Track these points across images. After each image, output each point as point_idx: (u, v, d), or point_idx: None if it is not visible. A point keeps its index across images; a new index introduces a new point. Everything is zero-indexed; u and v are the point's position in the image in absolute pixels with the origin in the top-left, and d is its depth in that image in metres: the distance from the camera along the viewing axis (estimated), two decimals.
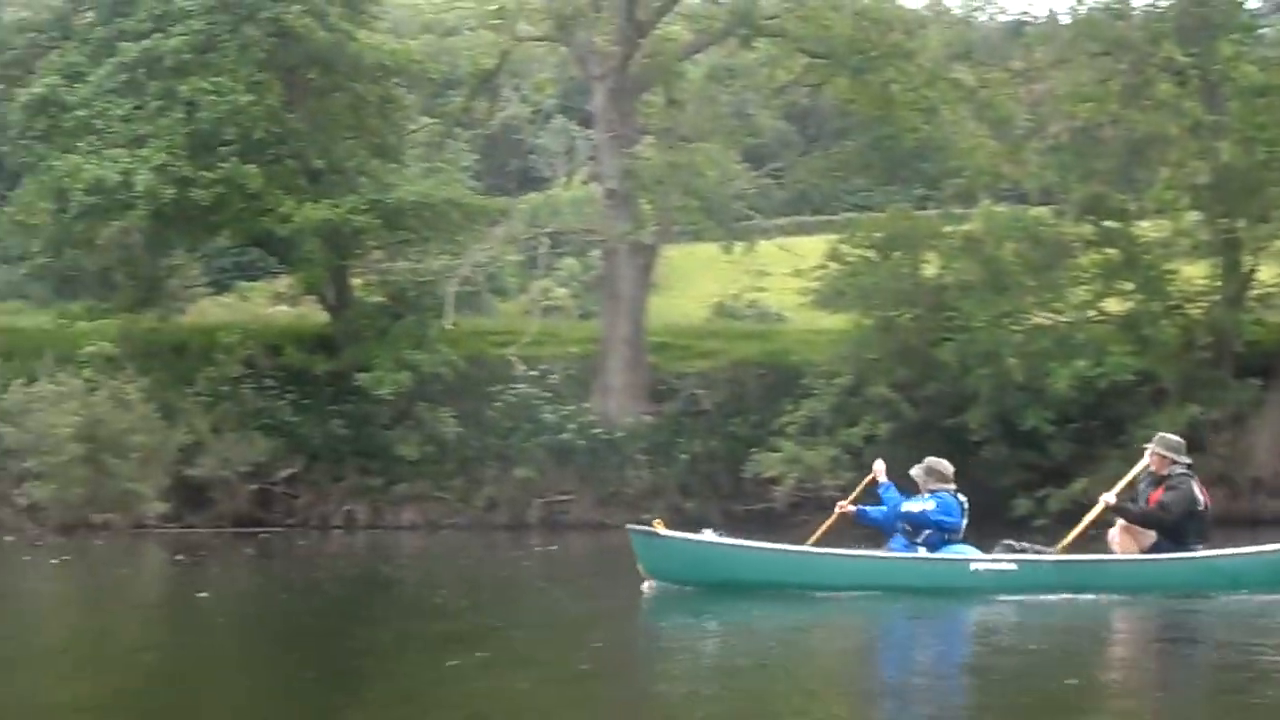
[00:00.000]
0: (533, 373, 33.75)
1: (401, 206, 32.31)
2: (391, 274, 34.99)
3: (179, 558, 25.38)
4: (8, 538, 28.68)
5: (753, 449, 32.39)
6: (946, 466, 16.77)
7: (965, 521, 16.57)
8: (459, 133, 41.36)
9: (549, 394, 33.71)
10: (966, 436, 30.40)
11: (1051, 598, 15.66)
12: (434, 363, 32.13)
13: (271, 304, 48.28)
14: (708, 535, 17.34)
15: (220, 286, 46.60)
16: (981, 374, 30.35)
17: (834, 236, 35.75)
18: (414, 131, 37.51)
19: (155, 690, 10.71)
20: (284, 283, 38.78)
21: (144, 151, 30.79)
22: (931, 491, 16.52)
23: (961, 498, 16.63)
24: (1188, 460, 16.61)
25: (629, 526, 17.75)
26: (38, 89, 32.71)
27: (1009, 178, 34.45)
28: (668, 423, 33.98)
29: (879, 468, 17.72)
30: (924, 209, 38.22)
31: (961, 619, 15.23)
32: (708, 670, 11.72)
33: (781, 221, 38.71)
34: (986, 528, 24.35)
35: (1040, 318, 31.88)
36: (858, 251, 33.62)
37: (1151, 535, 16.31)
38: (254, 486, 32.45)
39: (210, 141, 31.60)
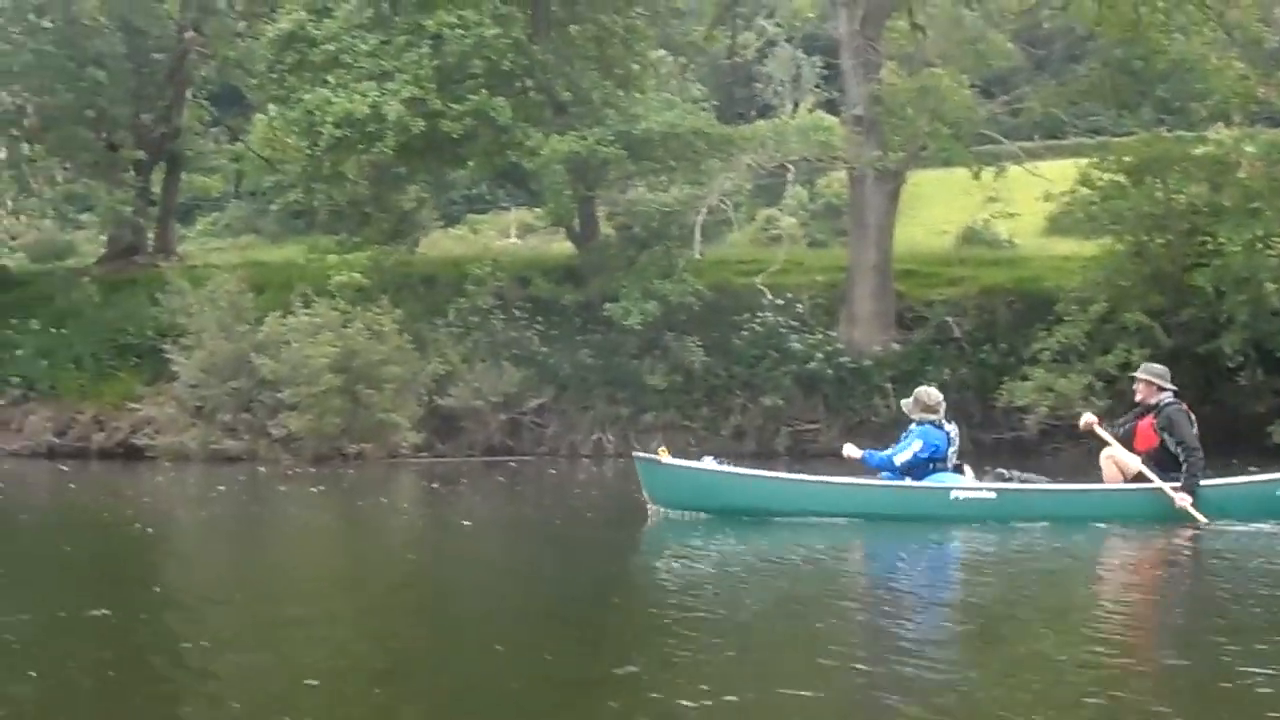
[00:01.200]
0: (779, 301, 33.38)
1: (648, 137, 32.04)
2: (638, 204, 34.74)
3: (434, 486, 25.50)
4: (261, 469, 28.93)
5: (1003, 377, 31.69)
6: (933, 395, 17.12)
7: (954, 448, 16.87)
8: (685, 63, 41.16)
9: (795, 323, 33.35)
10: (1221, 363, 29.62)
11: (1035, 525, 15.98)
12: (681, 292, 31.88)
13: (500, 236, 48.65)
14: (708, 463, 17.90)
15: (449, 220, 46.96)
16: (1237, 299, 29.35)
17: (1076, 161, 34.85)
18: (655, 63, 37.25)
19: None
20: (513, 216, 39.15)
21: (392, 85, 30.82)
22: (918, 423, 16.86)
23: (949, 426, 16.96)
24: (1174, 388, 17.11)
25: (635, 454, 18.80)
26: (285, 24, 33.07)
27: (1263, 100, 33.34)
28: (915, 351, 33.46)
29: (849, 453, 17.68)
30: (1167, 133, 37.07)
31: (938, 546, 15.44)
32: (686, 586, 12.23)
33: (1029, 145, 37.66)
34: (1240, 454, 23.85)
35: None
36: (1108, 175, 32.68)
37: (1137, 464, 16.51)
38: (504, 416, 32.50)
39: (457, 75, 31.59)
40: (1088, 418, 17.37)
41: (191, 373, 31.44)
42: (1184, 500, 16.09)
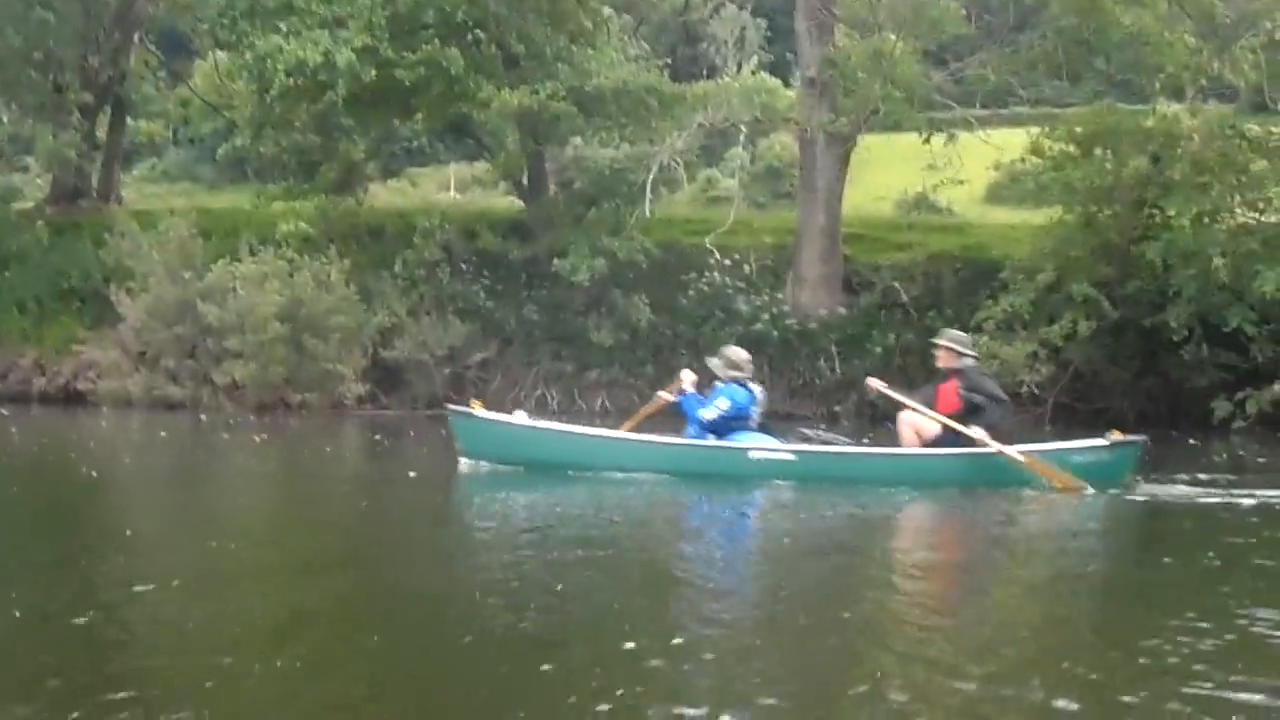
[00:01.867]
0: (727, 262, 33.32)
1: (600, 93, 31.95)
2: (587, 160, 34.65)
3: (378, 438, 25.36)
4: (203, 416, 28.77)
5: None
6: (739, 354, 17.61)
7: (758, 409, 17.26)
8: (633, 22, 41.06)
9: (742, 284, 33.31)
10: (1166, 336, 29.63)
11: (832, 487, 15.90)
12: (629, 250, 31.88)
13: (439, 190, 48.47)
14: (518, 417, 18.50)
15: (388, 172, 46.74)
16: (1185, 274, 29.43)
17: (1027, 129, 34.80)
18: (606, 20, 37.04)
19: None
20: (452, 170, 38.97)
21: (345, 33, 30.56)
22: (725, 382, 17.19)
23: (754, 386, 17.45)
24: (974, 354, 17.43)
25: (447, 407, 19.13)
26: None
27: (1214, 75, 33.40)
28: (861, 315, 33.43)
29: (686, 376, 18.06)
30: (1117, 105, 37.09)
31: (728, 503, 15.40)
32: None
33: (979, 113, 37.65)
34: (1182, 427, 24.00)
35: (1247, 218, 30.87)
36: (1059, 146, 32.70)
37: (935, 430, 16.52)
38: (448, 370, 32.45)
39: (409, 24, 31.34)
40: (871, 381, 17.80)
41: (136, 317, 31.27)
42: (1011, 451, 16.26)
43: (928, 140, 34.04)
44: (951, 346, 17.05)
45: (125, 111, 41.61)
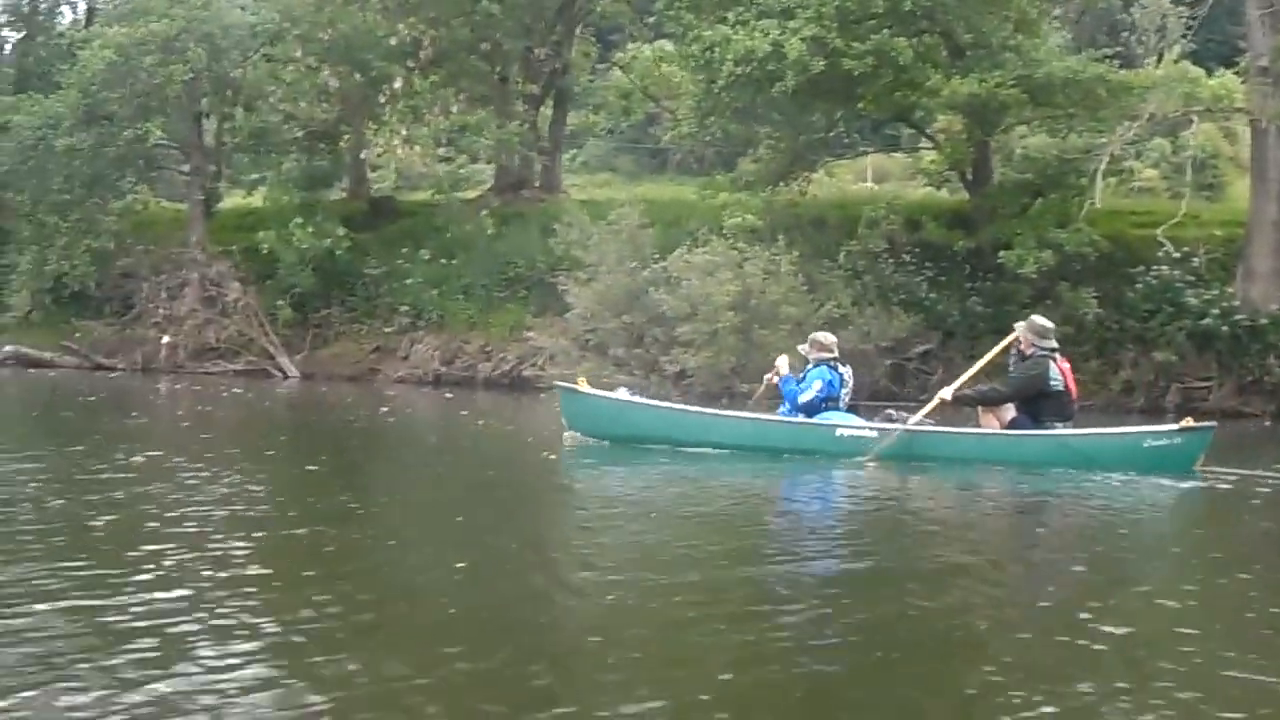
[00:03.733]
0: (1175, 255, 33.23)
1: (1049, 82, 32.22)
2: (1034, 151, 34.95)
3: None
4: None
5: None
6: (827, 337, 18.90)
7: (847, 390, 18.41)
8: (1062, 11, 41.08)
9: (1191, 277, 33.18)
10: None
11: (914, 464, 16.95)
12: (1077, 242, 32.01)
13: (856, 181, 49.11)
14: (621, 394, 19.59)
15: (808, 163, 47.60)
16: None
17: None
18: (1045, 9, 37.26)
19: None
20: (869, 161, 39.44)
21: (793, 23, 31.48)
22: (815, 363, 18.39)
23: (843, 369, 18.55)
24: (1052, 344, 17.90)
25: (556, 383, 21.12)
26: None
27: None
28: None
29: (782, 363, 19.15)
30: None
31: (823, 478, 16.30)
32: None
33: None
34: None
35: None
36: None
37: (1011, 412, 17.65)
38: (889, 361, 33.02)
39: (858, 14, 32.14)
40: (943, 393, 18.23)
41: (585, 305, 32.64)
42: (943, 395, 17.85)
43: None
44: (1027, 336, 17.95)
45: (567, 102, 43.28)
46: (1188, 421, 17.35)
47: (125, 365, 39.45)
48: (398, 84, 38.59)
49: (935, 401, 17.99)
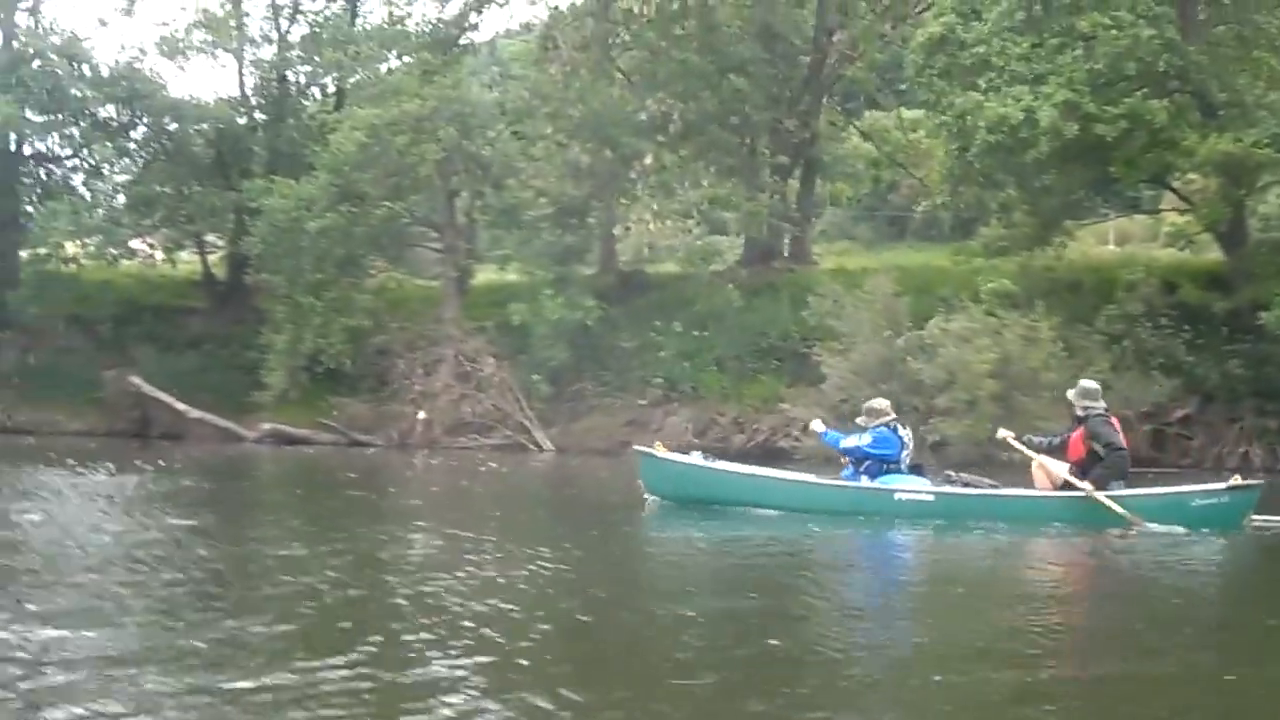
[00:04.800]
0: None
1: None
2: None
3: None
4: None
5: None
6: (880, 402, 20.02)
7: (907, 452, 19.42)
8: None
9: None
10: None
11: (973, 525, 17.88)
12: None
13: (1098, 244, 49.02)
14: (694, 457, 20.73)
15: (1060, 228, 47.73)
16: None
17: None
18: None
19: None
20: (1111, 224, 39.43)
21: (1046, 88, 31.95)
22: (872, 427, 19.39)
23: (902, 431, 19.55)
24: (1103, 405, 18.98)
25: (635, 447, 22.43)
26: (935, 27, 34.93)
27: None
28: None
29: (815, 426, 21.29)
30: None
31: (878, 539, 17.64)
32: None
33: None
34: None
35: None
36: None
37: (1063, 472, 18.54)
38: (1148, 427, 33.05)
39: (1110, 77, 32.47)
40: (1002, 432, 19.90)
41: (840, 375, 33.16)
42: (1100, 496, 17.94)
43: None
44: (1078, 401, 18.93)
45: (815, 172, 43.95)
46: (1236, 480, 18.47)
47: (382, 441, 40.64)
48: (648, 159, 39.60)
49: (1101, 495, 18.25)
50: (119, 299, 48.00)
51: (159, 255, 48.33)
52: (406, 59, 44.36)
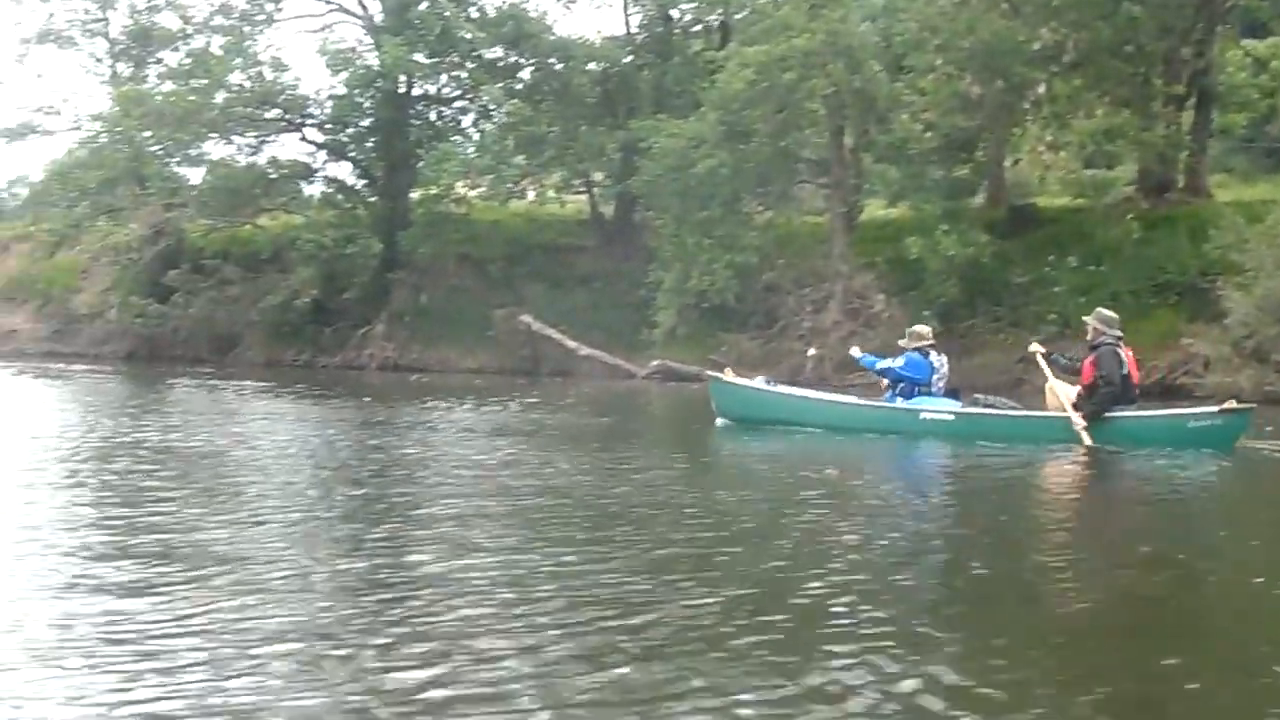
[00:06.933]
0: None
1: None
2: None
3: None
4: None
5: None
6: (924, 329, 22.81)
7: (939, 375, 22.39)
8: None
9: None
10: None
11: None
12: None
13: None
14: (758, 381, 24.20)
15: None
16: None
17: None
18: None
19: None
20: None
21: None
22: (906, 351, 22.54)
23: (935, 356, 22.49)
24: (1118, 333, 20.87)
25: (707, 373, 26.34)
26: None
27: None
28: None
29: (853, 352, 24.77)
30: None
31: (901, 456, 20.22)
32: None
33: None
34: None
35: None
36: None
37: (1064, 396, 20.68)
38: None
39: None
40: (1033, 346, 22.30)
41: (1245, 311, 33.06)
42: (1078, 423, 20.15)
43: None
44: (1096, 325, 20.87)
45: (1210, 103, 43.53)
46: (1231, 404, 20.57)
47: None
48: (1041, 89, 39.84)
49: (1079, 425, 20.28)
50: (508, 238, 50.15)
51: (549, 194, 50.12)
52: None
